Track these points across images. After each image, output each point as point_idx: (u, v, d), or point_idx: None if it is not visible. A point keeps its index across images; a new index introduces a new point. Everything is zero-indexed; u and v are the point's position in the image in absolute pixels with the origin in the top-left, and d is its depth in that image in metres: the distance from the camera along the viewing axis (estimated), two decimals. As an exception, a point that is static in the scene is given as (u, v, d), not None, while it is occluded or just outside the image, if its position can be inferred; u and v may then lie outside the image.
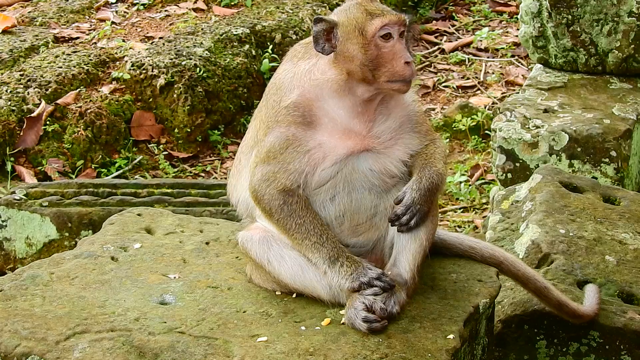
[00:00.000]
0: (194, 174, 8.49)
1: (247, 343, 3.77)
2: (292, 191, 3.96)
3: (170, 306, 4.04)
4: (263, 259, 4.08)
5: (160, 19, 10.20)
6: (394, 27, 3.94)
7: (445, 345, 3.82)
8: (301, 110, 3.96)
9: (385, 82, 3.95)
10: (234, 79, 9.15)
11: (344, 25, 3.96)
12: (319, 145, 3.96)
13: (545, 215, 5.25)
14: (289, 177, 3.95)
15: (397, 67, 3.93)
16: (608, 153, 6.66)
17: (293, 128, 3.95)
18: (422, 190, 4.01)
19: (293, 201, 3.96)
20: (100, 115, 8.49)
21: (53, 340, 3.77)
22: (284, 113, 3.96)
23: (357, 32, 3.93)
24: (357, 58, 3.93)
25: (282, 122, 3.96)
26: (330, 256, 3.92)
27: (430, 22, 11.41)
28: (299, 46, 4.16)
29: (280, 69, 4.13)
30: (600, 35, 7.39)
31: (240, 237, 4.20)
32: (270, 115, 4.02)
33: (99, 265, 4.33)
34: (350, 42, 3.94)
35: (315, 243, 3.94)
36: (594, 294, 4.66)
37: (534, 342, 4.72)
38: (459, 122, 8.85)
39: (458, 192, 7.98)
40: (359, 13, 3.96)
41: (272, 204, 3.97)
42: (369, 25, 3.93)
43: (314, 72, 4.00)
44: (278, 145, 3.96)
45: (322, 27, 3.95)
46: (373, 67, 3.93)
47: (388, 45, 3.93)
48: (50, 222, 6.68)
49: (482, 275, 4.32)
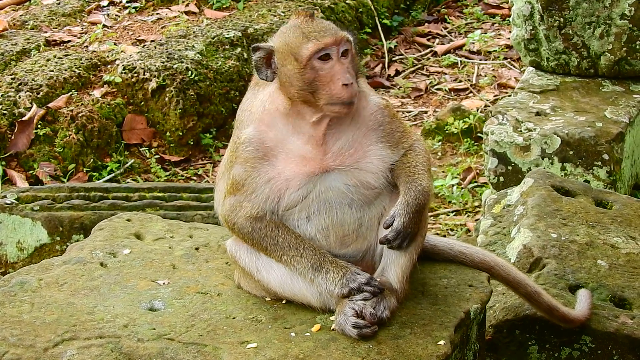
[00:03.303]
0: (185, 177, 8.46)
1: (236, 349, 3.75)
2: (260, 217, 3.97)
3: (160, 312, 4.02)
4: (252, 268, 4.07)
5: (152, 22, 10.17)
6: (332, 47, 3.85)
7: (436, 351, 3.80)
8: (255, 144, 3.94)
9: (325, 104, 3.87)
10: (226, 82, 9.12)
11: (279, 51, 3.90)
12: (278, 174, 3.94)
13: (537, 220, 5.23)
14: (253, 206, 3.96)
15: (335, 90, 3.84)
16: (600, 156, 6.66)
17: (250, 163, 3.94)
18: (411, 214, 3.96)
19: (262, 225, 3.96)
20: (92, 119, 8.46)
21: (41, 347, 3.76)
22: (241, 149, 3.96)
23: (292, 57, 3.86)
24: (295, 83, 3.87)
25: (239, 158, 3.97)
26: (313, 264, 3.91)
27: (423, 24, 11.41)
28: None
29: (244, 98, 4.11)
30: (592, 38, 7.39)
31: (228, 245, 4.20)
32: (232, 149, 4.04)
33: (88, 271, 4.31)
34: (286, 68, 3.88)
35: (294, 256, 3.93)
36: (586, 299, 4.65)
37: (526, 348, 4.71)
38: (451, 125, 8.84)
39: (450, 195, 7.96)
40: (294, 37, 3.88)
41: (243, 231, 4.00)
42: (303, 49, 3.85)
43: (267, 103, 3.97)
44: (239, 179, 3.96)
45: (260, 54, 3.91)
46: (312, 91, 3.86)
47: (326, 67, 3.85)
48: (41, 226, 6.65)
49: (473, 281, 4.30)
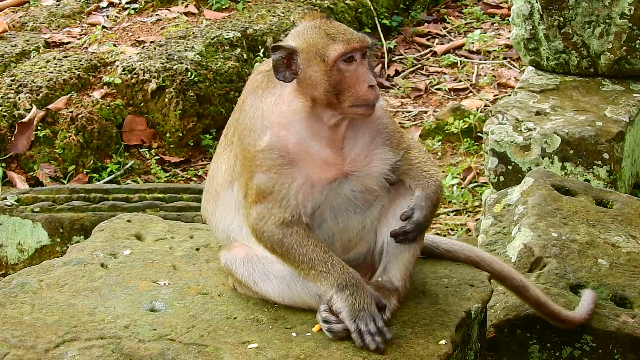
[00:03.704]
0: (185, 178, 8.46)
1: (237, 350, 3.75)
2: (291, 222, 3.87)
3: (160, 313, 4.02)
4: (249, 281, 4.03)
5: (152, 23, 10.17)
6: (358, 50, 3.83)
7: (437, 351, 3.80)
8: (277, 152, 3.85)
9: (349, 106, 3.82)
10: (226, 83, 9.12)
11: (304, 51, 3.82)
12: (306, 179, 3.87)
13: (537, 219, 5.23)
14: (285, 211, 3.87)
15: (361, 92, 3.80)
16: (600, 155, 6.65)
17: (275, 170, 3.85)
18: (431, 208, 3.99)
19: (292, 232, 3.86)
20: (92, 120, 8.46)
21: (42, 348, 3.75)
22: (261, 157, 3.85)
23: (319, 58, 3.80)
24: (320, 84, 3.80)
25: (262, 166, 3.86)
26: (339, 284, 3.83)
27: (422, 24, 11.41)
28: (259, 75, 4.01)
29: (247, 104, 3.98)
30: (592, 37, 7.39)
31: (223, 257, 4.14)
32: (247, 159, 3.91)
33: (89, 272, 4.31)
34: (311, 69, 3.81)
35: (321, 272, 3.84)
36: (588, 302, 4.61)
37: (527, 347, 4.70)
38: (451, 124, 8.84)
39: (451, 195, 7.96)
40: (319, 38, 3.82)
41: (273, 239, 3.88)
42: (331, 50, 3.79)
43: (280, 106, 3.88)
44: (265, 187, 3.86)
45: (281, 54, 3.81)
46: (337, 92, 3.80)
47: (351, 69, 3.81)
48: (41, 227, 6.66)
49: (474, 280, 4.30)
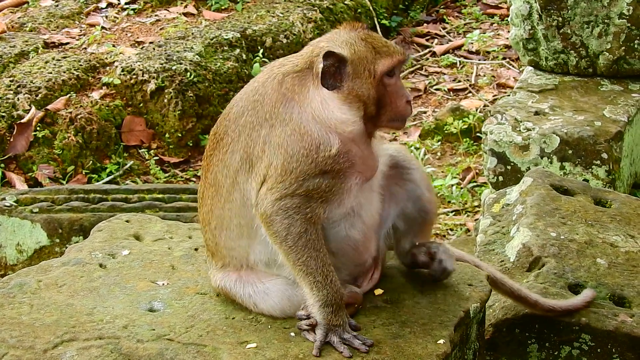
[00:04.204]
0: (185, 179, 8.46)
1: (236, 350, 3.75)
2: (319, 221, 3.85)
3: (159, 313, 4.02)
4: (249, 303, 4.00)
5: (151, 23, 10.18)
6: (401, 63, 3.89)
7: (436, 350, 3.80)
8: (345, 156, 3.83)
9: (387, 120, 3.91)
10: (225, 84, 9.13)
11: (353, 63, 3.82)
12: (356, 181, 3.89)
13: (536, 219, 5.23)
14: (325, 208, 3.84)
15: (400, 107, 3.89)
16: (599, 155, 6.65)
17: (338, 172, 3.82)
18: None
19: (314, 230, 3.83)
20: (91, 121, 8.46)
21: (41, 349, 3.76)
22: (330, 162, 3.80)
23: (367, 71, 3.83)
24: (369, 97, 3.84)
25: (324, 170, 3.80)
26: (327, 300, 3.82)
27: (422, 24, 11.41)
28: (288, 77, 3.91)
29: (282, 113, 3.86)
30: (590, 37, 7.38)
31: (217, 279, 4.09)
32: (306, 165, 3.80)
33: (87, 273, 4.31)
34: (359, 81, 3.83)
35: (318, 282, 3.83)
36: (582, 296, 4.65)
37: (526, 346, 4.70)
38: (450, 125, 8.85)
39: (450, 195, 7.96)
40: (367, 51, 3.84)
41: (292, 230, 3.81)
42: (379, 65, 3.83)
43: (333, 112, 3.84)
44: (318, 187, 3.82)
45: (332, 61, 3.80)
46: (379, 106, 3.87)
47: (392, 83, 3.87)
48: (40, 228, 6.66)
49: (473, 280, 4.30)
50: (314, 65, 3.86)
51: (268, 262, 4.00)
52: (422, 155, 8.53)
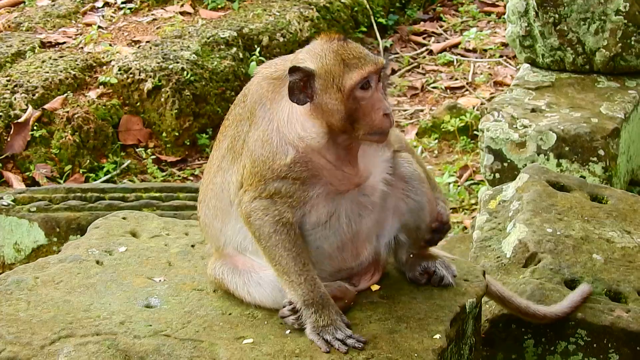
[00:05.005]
0: (182, 177, 8.47)
1: (232, 345, 3.76)
2: (289, 223, 3.85)
3: (156, 309, 4.02)
4: (242, 292, 4.01)
5: (147, 22, 10.19)
6: (373, 75, 3.75)
7: (432, 345, 3.81)
8: (302, 165, 3.81)
9: (363, 134, 3.78)
10: (222, 82, 9.14)
11: (320, 77, 3.71)
12: (324, 189, 3.86)
13: (532, 215, 5.24)
14: (291, 211, 3.84)
15: (377, 121, 3.75)
16: (596, 152, 6.66)
17: (297, 180, 3.82)
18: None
19: (285, 231, 3.84)
20: (88, 120, 8.47)
21: (38, 345, 3.76)
22: (285, 170, 3.80)
23: (335, 86, 3.72)
24: (336, 113, 3.73)
25: (282, 176, 3.82)
26: (305, 300, 3.83)
27: (418, 23, 11.43)
28: (265, 82, 3.90)
29: (257, 116, 3.88)
30: (587, 34, 7.39)
31: (214, 268, 4.11)
32: (262, 169, 3.83)
33: (84, 269, 4.31)
34: (327, 96, 3.73)
35: (292, 282, 3.83)
36: (579, 291, 4.65)
37: (522, 342, 4.71)
38: (447, 123, 8.86)
39: (447, 192, 7.97)
40: (336, 65, 3.71)
41: (262, 230, 3.85)
42: (347, 79, 3.70)
43: (295, 126, 3.81)
44: (285, 191, 3.82)
45: (298, 76, 3.72)
46: (352, 121, 3.75)
47: (366, 96, 3.74)
48: (38, 227, 6.67)
49: (469, 275, 4.30)
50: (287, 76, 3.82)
51: (237, 248, 4.06)
52: (419, 154, 8.54)
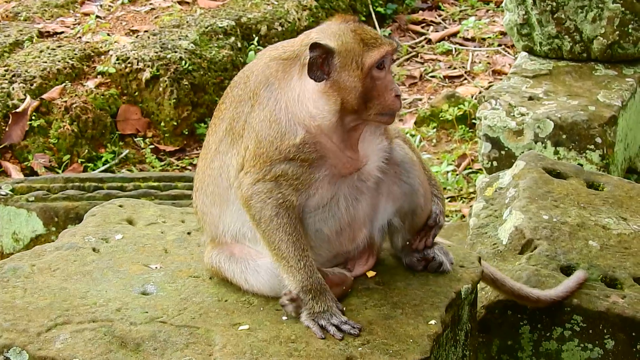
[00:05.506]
0: (180, 167, 8.48)
1: (228, 331, 3.77)
2: (291, 207, 3.86)
3: (152, 296, 4.03)
4: (240, 280, 4.02)
5: (145, 12, 10.18)
6: (389, 56, 3.84)
7: (427, 331, 3.82)
8: (311, 146, 3.83)
9: (374, 114, 3.84)
10: (220, 72, 9.14)
11: (340, 55, 3.79)
12: (328, 171, 3.89)
13: (528, 202, 5.24)
14: (296, 194, 3.85)
15: (389, 101, 3.83)
16: (593, 140, 6.67)
17: (305, 162, 3.84)
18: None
19: (286, 215, 3.85)
20: (86, 110, 8.47)
21: (34, 332, 3.76)
22: (293, 151, 3.82)
23: (355, 64, 3.79)
24: (354, 90, 3.79)
25: (290, 157, 3.83)
26: (303, 286, 3.84)
27: (417, 12, 11.42)
28: (273, 62, 3.93)
29: (262, 97, 3.89)
30: (584, 22, 7.39)
31: (208, 257, 4.12)
32: (269, 150, 3.85)
33: (81, 257, 4.32)
34: (346, 74, 3.79)
35: (291, 267, 3.85)
36: (575, 277, 4.67)
37: (518, 328, 4.72)
38: (445, 112, 8.86)
39: (445, 181, 7.98)
40: (356, 43, 3.80)
41: (263, 213, 3.86)
42: (367, 57, 3.78)
43: (306, 104, 3.84)
44: (284, 172, 3.84)
45: (318, 52, 3.77)
46: (366, 100, 3.81)
47: (381, 76, 3.82)
48: (36, 217, 6.68)
49: (464, 261, 4.31)
50: (301, 55, 3.86)
51: (235, 236, 4.05)
52: (418, 143, 8.55)
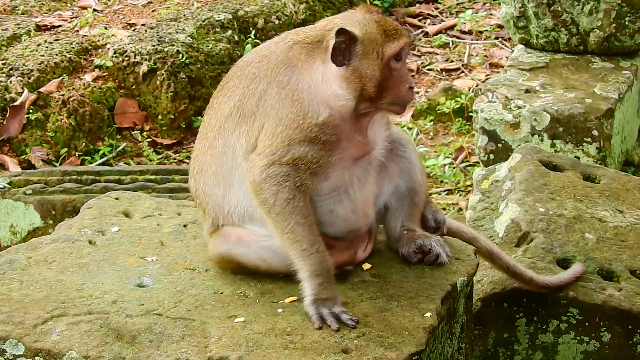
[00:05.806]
0: (178, 160, 8.48)
1: (224, 324, 3.78)
2: (308, 190, 3.90)
3: (148, 288, 4.04)
4: (257, 261, 4.03)
5: (142, 5, 10.17)
6: (406, 48, 3.95)
7: (423, 323, 3.83)
8: (332, 128, 3.89)
9: (388, 103, 3.94)
10: (217, 65, 9.13)
11: (363, 43, 3.87)
12: (341, 156, 3.95)
13: (524, 194, 5.25)
14: (313, 178, 3.89)
15: (403, 92, 3.94)
16: (590, 132, 6.67)
17: (324, 143, 3.88)
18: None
19: (303, 198, 3.88)
20: (84, 103, 8.47)
21: (31, 324, 3.77)
22: (315, 130, 3.87)
23: (375, 53, 3.88)
24: (373, 78, 3.88)
25: (310, 138, 3.87)
26: (314, 270, 3.86)
27: (414, 5, 11.41)
28: (297, 46, 3.98)
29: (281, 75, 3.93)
30: (581, 15, 7.39)
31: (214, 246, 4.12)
32: (290, 128, 3.87)
33: (77, 249, 4.33)
34: (367, 62, 3.87)
35: (304, 250, 3.87)
36: (572, 270, 4.68)
37: (514, 320, 4.73)
38: (442, 105, 8.85)
39: (442, 174, 7.98)
40: (378, 33, 3.89)
41: (279, 195, 3.87)
42: (388, 48, 3.88)
43: (328, 89, 3.90)
44: (304, 155, 3.87)
45: (343, 38, 3.86)
46: (382, 89, 3.90)
47: (398, 67, 3.92)
48: (34, 210, 6.68)
49: (460, 254, 4.32)
50: (324, 40, 3.93)
51: (243, 216, 4.05)
52: (415, 135, 8.55)
